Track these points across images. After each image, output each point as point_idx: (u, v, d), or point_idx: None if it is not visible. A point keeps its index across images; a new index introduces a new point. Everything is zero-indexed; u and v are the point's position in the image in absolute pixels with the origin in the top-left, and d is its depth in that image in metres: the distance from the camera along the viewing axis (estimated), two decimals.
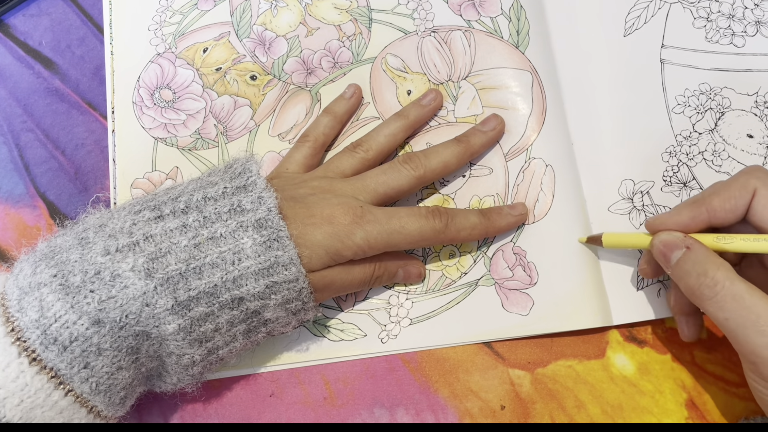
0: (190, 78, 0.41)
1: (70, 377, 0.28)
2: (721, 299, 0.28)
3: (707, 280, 0.29)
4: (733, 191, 0.30)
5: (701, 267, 0.29)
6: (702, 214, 0.31)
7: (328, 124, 0.39)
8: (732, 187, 0.30)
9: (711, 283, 0.29)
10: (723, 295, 0.28)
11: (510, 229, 0.37)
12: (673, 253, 0.30)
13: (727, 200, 0.30)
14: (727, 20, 0.39)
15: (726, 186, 0.30)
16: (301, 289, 0.30)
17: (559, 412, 0.35)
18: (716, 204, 0.30)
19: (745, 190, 0.30)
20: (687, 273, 0.30)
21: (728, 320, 0.28)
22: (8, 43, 0.43)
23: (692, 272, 0.29)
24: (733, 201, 0.30)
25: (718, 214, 0.30)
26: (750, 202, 0.30)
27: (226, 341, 0.31)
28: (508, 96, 0.39)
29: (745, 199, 0.30)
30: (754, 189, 0.30)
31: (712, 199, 0.30)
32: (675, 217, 0.31)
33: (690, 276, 0.29)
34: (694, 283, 0.29)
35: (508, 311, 0.36)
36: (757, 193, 0.30)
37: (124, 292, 0.28)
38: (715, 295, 0.28)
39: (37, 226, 0.40)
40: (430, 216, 0.34)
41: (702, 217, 0.31)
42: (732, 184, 0.30)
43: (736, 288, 0.28)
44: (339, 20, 0.42)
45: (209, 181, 0.31)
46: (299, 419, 0.35)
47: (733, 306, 0.28)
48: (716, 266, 0.29)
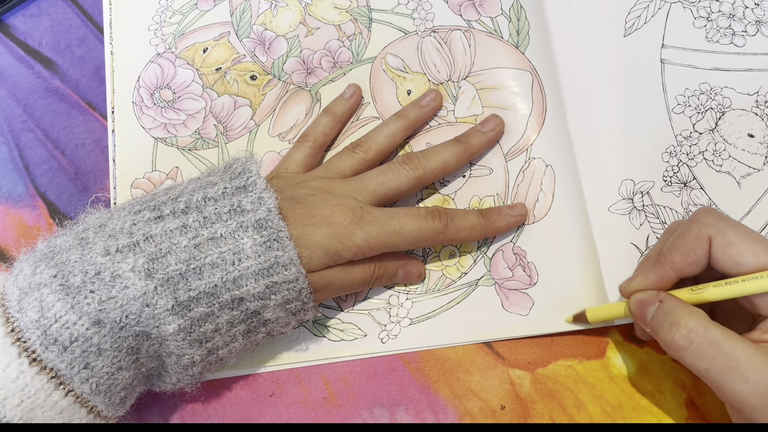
0: (190, 78, 0.41)
1: (71, 377, 0.28)
2: (697, 347, 0.28)
3: (681, 330, 0.28)
4: (690, 244, 0.30)
5: (673, 317, 0.29)
6: (668, 273, 0.30)
7: (327, 124, 0.39)
8: (688, 240, 0.30)
9: (685, 332, 0.28)
10: (699, 343, 0.28)
11: (510, 229, 0.37)
12: (648, 309, 0.30)
13: (686, 255, 0.30)
14: (727, 20, 0.39)
15: (682, 240, 0.30)
16: (301, 290, 0.30)
17: (559, 412, 0.35)
18: (677, 260, 0.30)
19: (701, 241, 0.29)
20: (660, 325, 0.29)
21: (709, 370, 0.27)
22: (8, 43, 0.43)
23: (665, 323, 0.29)
24: (693, 254, 0.30)
25: (683, 269, 0.30)
26: (708, 251, 0.29)
27: (226, 341, 0.31)
28: (508, 96, 0.39)
29: (703, 250, 0.29)
30: (709, 238, 0.29)
31: (673, 256, 0.30)
32: (643, 280, 0.31)
33: (663, 327, 0.29)
34: (667, 334, 0.29)
35: (508, 311, 0.36)
36: (713, 242, 0.29)
37: (124, 293, 0.28)
38: (690, 344, 0.28)
39: (37, 226, 0.40)
40: (429, 216, 0.34)
41: (669, 275, 0.30)
42: (687, 237, 0.30)
43: (712, 334, 0.27)
44: (339, 20, 0.42)
45: (209, 181, 0.31)
46: (299, 419, 0.35)
47: (711, 353, 0.27)
48: (688, 314, 0.28)
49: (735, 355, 0.27)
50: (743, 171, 0.37)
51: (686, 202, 0.37)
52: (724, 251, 0.29)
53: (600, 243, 0.36)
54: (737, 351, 0.27)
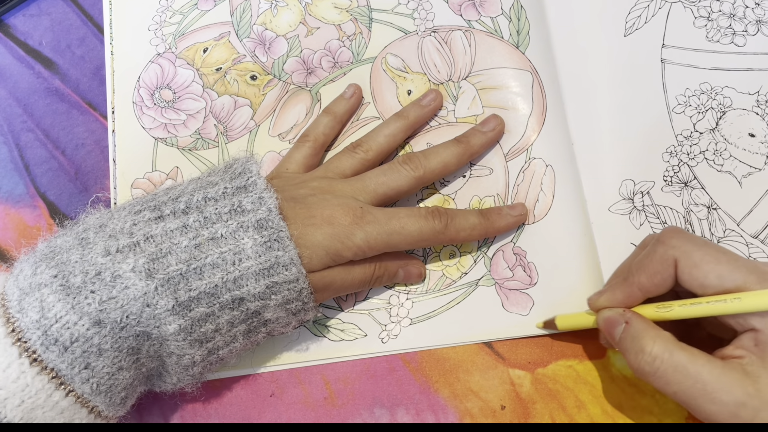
0: (191, 78, 0.41)
1: (71, 378, 0.28)
2: (662, 373, 0.28)
3: (645, 356, 0.28)
4: (656, 266, 0.30)
5: (638, 344, 0.29)
6: (635, 292, 0.31)
7: (328, 124, 0.39)
8: (654, 262, 0.30)
9: (650, 359, 0.28)
10: (664, 370, 0.28)
11: (510, 229, 0.37)
12: (615, 329, 0.30)
13: (652, 276, 0.30)
14: (727, 19, 0.39)
15: (649, 261, 0.30)
16: (302, 290, 0.30)
17: (560, 412, 0.35)
18: (644, 281, 0.30)
19: (666, 263, 0.29)
20: (627, 350, 0.29)
21: (677, 393, 0.28)
22: (8, 43, 0.43)
23: (631, 349, 0.29)
24: (659, 276, 0.30)
25: (650, 289, 0.30)
26: (674, 272, 0.29)
27: (227, 341, 0.31)
28: (509, 96, 0.39)
29: (668, 272, 0.29)
30: (675, 259, 0.29)
31: (640, 276, 0.30)
32: (611, 297, 0.31)
33: (630, 353, 0.29)
34: (633, 360, 0.29)
35: (508, 311, 0.36)
36: (678, 264, 0.29)
37: (124, 293, 0.28)
38: (656, 370, 0.28)
39: (37, 226, 0.40)
40: (429, 216, 0.34)
41: (636, 294, 0.31)
42: (653, 258, 0.30)
43: (677, 359, 0.28)
44: (339, 20, 0.42)
45: (209, 182, 0.31)
46: (299, 419, 0.35)
47: (677, 378, 0.27)
48: (653, 340, 0.28)
49: (701, 377, 0.27)
50: (744, 171, 0.37)
51: (687, 201, 0.37)
52: (689, 273, 0.29)
53: (600, 243, 0.36)
54: (703, 373, 0.27)
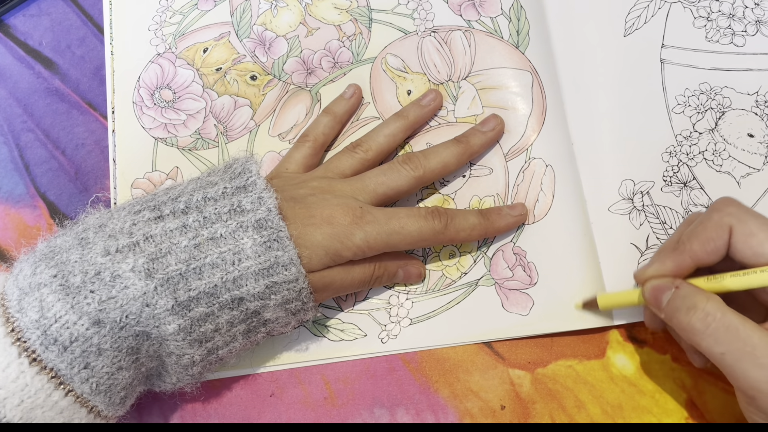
0: (190, 78, 0.41)
1: (71, 377, 0.28)
2: (713, 331, 0.28)
3: (698, 313, 0.28)
4: (710, 233, 0.30)
5: (690, 301, 0.29)
6: (686, 260, 0.30)
7: (327, 124, 0.39)
8: (708, 229, 0.30)
9: (702, 316, 0.28)
10: (715, 327, 0.28)
11: (510, 229, 0.37)
12: (663, 295, 0.30)
13: (706, 243, 0.30)
14: (727, 20, 0.39)
15: (702, 228, 0.30)
16: (301, 290, 0.30)
17: (560, 412, 0.35)
18: (697, 248, 0.30)
19: (722, 229, 0.29)
20: (677, 309, 0.29)
21: (724, 355, 0.27)
22: (8, 43, 0.43)
23: (682, 307, 0.29)
24: (712, 243, 0.30)
25: (702, 257, 0.30)
26: (728, 240, 0.29)
27: (226, 341, 0.31)
28: (508, 96, 0.39)
29: (723, 239, 0.29)
30: (730, 227, 0.29)
31: (692, 244, 0.30)
32: (660, 267, 0.31)
33: (680, 311, 0.29)
34: (684, 318, 0.29)
35: (508, 311, 0.36)
36: (734, 231, 0.29)
37: (124, 293, 0.28)
38: (707, 327, 0.28)
39: (38, 226, 0.40)
40: (429, 217, 0.34)
41: (686, 263, 0.30)
42: (708, 225, 0.30)
43: (729, 319, 0.28)
44: (339, 20, 0.42)
45: (209, 181, 0.31)
46: (299, 419, 0.35)
47: (728, 338, 0.27)
48: (705, 299, 0.28)
49: (751, 341, 0.27)
50: (743, 171, 0.37)
51: (686, 202, 0.37)
52: (744, 241, 0.29)
53: (600, 243, 0.36)
54: (753, 337, 0.27)
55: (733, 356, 0.27)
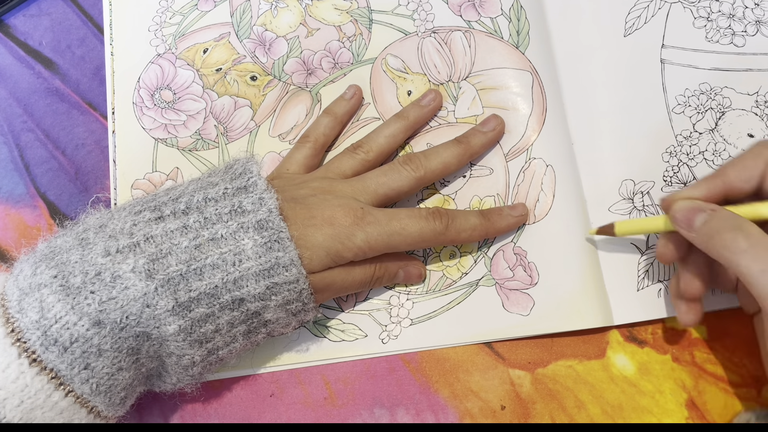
0: (191, 79, 0.41)
1: (71, 378, 0.28)
2: (756, 250, 0.28)
3: (742, 233, 0.28)
4: (748, 161, 0.30)
5: (734, 221, 0.29)
6: (718, 186, 0.31)
7: (328, 125, 0.39)
8: (746, 158, 0.31)
9: (746, 235, 0.28)
10: (759, 246, 0.28)
11: (510, 230, 0.37)
12: (697, 216, 0.30)
13: (742, 170, 0.30)
14: (727, 20, 0.39)
15: (741, 157, 0.31)
16: (302, 291, 0.30)
17: (560, 412, 0.35)
18: (732, 175, 0.31)
19: (760, 159, 0.30)
20: (718, 230, 0.29)
21: (764, 272, 0.27)
22: (8, 43, 0.43)
23: (725, 227, 0.29)
24: (748, 171, 0.30)
25: (734, 184, 0.31)
26: (764, 171, 0.30)
27: (226, 342, 0.31)
28: (509, 96, 0.39)
29: (759, 168, 0.30)
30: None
31: (727, 170, 0.31)
32: (691, 191, 0.31)
33: (722, 231, 0.29)
34: (727, 236, 0.29)
35: (508, 311, 0.36)
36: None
37: (124, 293, 0.28)
38: (751, 245, 0.28)
39: (38, 226, 0.40)
40: (430, 217, 0.34)
41: (718, 189, 0.31)
42: (746, 155, 0.31)
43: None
44: (339, 21, 0.42)
45: (210, 182, 0.31)
46: (299, 419, 0.35)
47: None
48: (746, 221, 0.29)
49: None
50: None
51: None
52: None
53: (600, 243, 0.36)
54: None
55: None
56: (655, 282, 0.36)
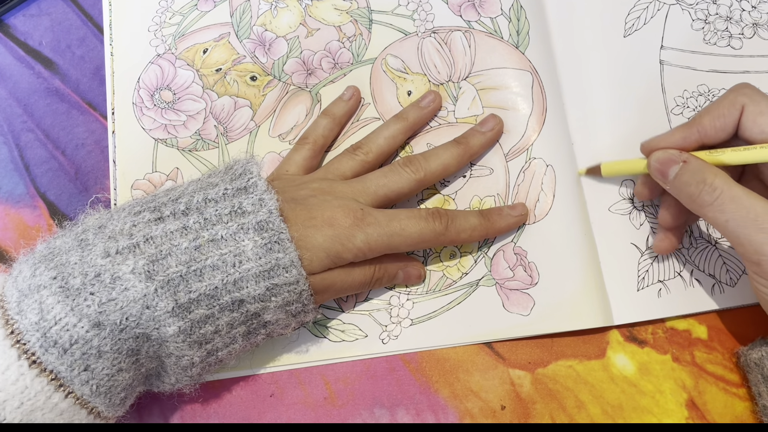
0: (190, 79, 0.41)
1: (71, 380, 0.28)
2: (720, 203, 0.29)
3: (706, 187, 0.30)
4: (722, 109, 0.31)
5: (700, 175, 0.30)
6: (693, 134, 0.32)
7: (327, 126, 0.39)
8: (721, 105, 0.31)
9: (710, 189, 0.30)
10: (722, 199, 0.29)
11: (510, 229, 0.37)
12: (671, 168, 0.31)
13: (716, 118, 0.31)
14: (724, 22, 0.40)
15: (715, 105, 0.31)
16: (302, 292, 0.30)
17: (560, 412, 0.35)
18: (706, 122, 0.31)
19: (734, 107, 0.31)
20: (686, 183, 0.31)
21: (728, 222, 0.29)
22: (8, 43, 0.43)
23: (691, 181, 0.30)
24: (723, 119, 0.31)
25: (709, 133, 0.31)
26: (739, 118, 0.31)
27: (226, 343, 0.31)
28: (509, 96, 0.39)
29: (734, 116, 0.31)
30: (742, 105, 0.31)
31: (702, 118, 0.32)
32: (668, 138, 0.32)
33: (690, 185, 0.30)
34: (694, 190, 0.30)
35: (509, 311, 0.36)
36: (745, 109, 0.30)
37: (124, 295, 0.28)
38: (714, 199, 0.29)
39: (38, 226, 0.40)
40: (430, 218, 0.34)
41: (694, 136, 0.32)
42: (721, 103, 0.31)
43: (734, 191, 0.29)
44: (339, 21, 0.42)
45: (209, 183, 0.31)
46: (299, 419, 0.35)
47: (732, 207, 0.29)
48: (714, 174, 0.30)
49: (755, 209, 0.29)
50: None
51: None
52: (753, 120, 0.30)
53: (600, 243, 0.36)
54: (757, 206, 0.29)
55: (736, 222, 0.29)
56: (655, 282, 0.36)
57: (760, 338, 0.34)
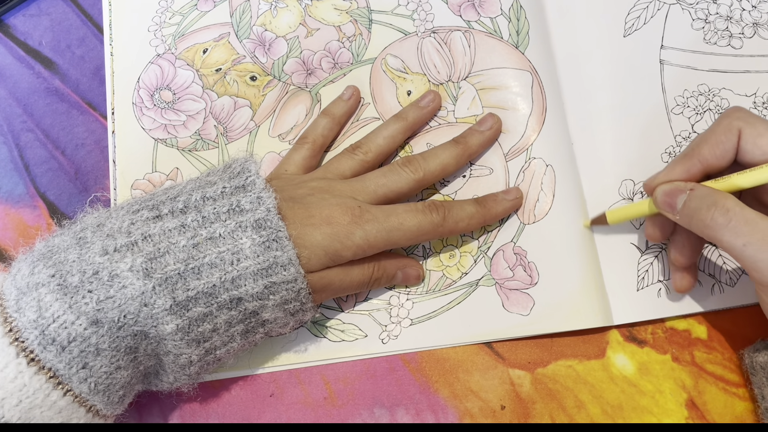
0: (190, 79, 0.41)
1: (69, 377, 0.28)
2: (735, 225, 0.28)
3: (718, 209, 0.29)
4: (719, 136, 0.30)
5: (710, 199, 0.29)
6: (695, 165, 0.31)
7: (326, 126, 0.39)
8: (717, 132, 0.31)
9: (723, 211, 0.29)
10: (737, 221, 0.28)
11: (507, 214, 0.37)
12: (678, 198, 0.31)
13: (715, 146, 0.31)
14: (725, 22, 0.40)
15: (711, 132, 0.31)
16: (300, 290, 0.30)
17: (559, 412, 0.35)
18: (706, 152, 0.31)
19: (730, 132, 0.30)
20: (697, 209, 0.30)
21: (746, 246, 0.28)
22: (8, 43, 0.43)
23: (702, 206, 0.29)
24: (722, 146, 0.30)
25: (710, 161, 0.31)
26: (737, 143, 0.30)
27: (224, 341, 0.31)
28: (508, 96, 0.39)
29: (732, 141, 0.30)
30: (739, 129, 0.30)
31: (701, 148, 0.31)
32: (669, 172, 0.32)
33: (701, 210, 0.29)
34: (706, 215, 0.29)
35: (508, 311, 0.36)
36: (743, 133, 0.30)
37: (122, 292, 0.28)
38: (729, 221, 0.28)
39: (37, 226, 0.40)
40: (427, 210, 0.34)
41: (695, 168, 0.31)
42: (716, 130, 0.31)
43: (748, 213, 0.28)
44: (339, 21, 0.42)
45: (208, 181, 0.31)
46: (299, 419, 0.35)
47: (748, 230, 0.28)
48: (724, 196, 0.29)
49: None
50: None
51: None
52: (753, 142, 0.30)
53: (600, 243, 0.36)
54: None
55: (754, 247, 0.28)
56: (655, 282, 0.36)
57: (760, 340, 0.34)
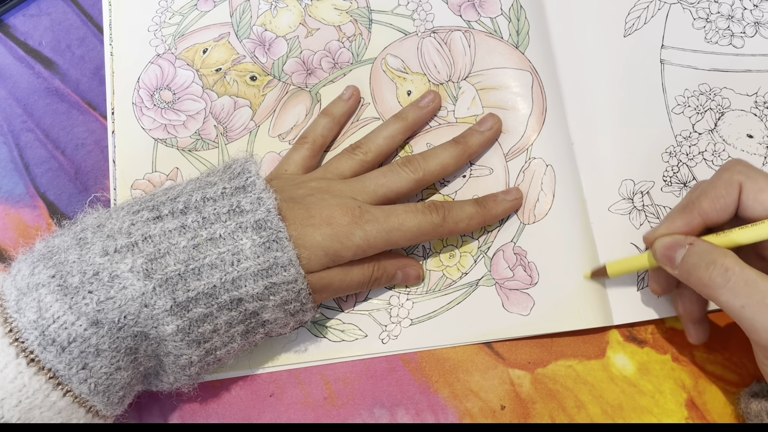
0: (190, 79, 0.41)
1: (69, 378, 0.28)
2: (734, 285, 0.28)
3: (718, 268, 0.28)
4: (720, 190, 0.30)
5: (709, 257, 0.29)
6: (695, 219, 0.31)
7: (326, 126, 0.39)
8: (717, 186, 0.30)
9: (722, 270, 0.28)
10: (735, 281, 0.28)
11: (506, 214, 0.37)
12: (677, 252, 0.30)
13: (716, 199, 0.30)
14: (726, 21, 0.40)
15: (711, 186, 0.30)
16: (300, 290, 0.30)
17: (559, 412, 0.35)
18: (706, 206, 0.30)
19: (731, 186, 0.30)
20: (695, 266, 0.29)
21: (744, 307, 0.27)
22: (8, 43, 0.43)
23: (700, 263, 0.29)
24: (722, 200, 0.30)
25: (711, 215, 0.30)
26: (738, 198, 0.30)
27: (224, 342, 0.31)
28: (508, 96, 0.39)
29: (732, 196, 0.30)
30: (740, 184, 0.30)
31: (702, 202, 0.30)
32: (670, 225, 0.31)
33: (699, 268, 0.29)
34: (704, 273, 0.29)
35: (508, 311, 0.36)
36: (744, 187, 0.30)
37: (122, 293, 0.28)
38: (727, 281, 0.28)
39: (37, 226, 0.40)
40: (427, 211, 0.34)
41: (696, 221, 0.31)
42: (716, 183, 0.30)
43: (747, 274, 0.28)
44: (339, 21, 0.42)
45: (208, 182, 0.31)
46: (299, 419, 0.35)
47: (747, 291, 0.27)
48: (723, 254, 0.29)
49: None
50: None
51: None
52: (755, 197, 0.29)
53: (600, 243, 0.36)
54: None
55: (752, 309, 0.27)
56: None
57: (755, 381, 0.33)
